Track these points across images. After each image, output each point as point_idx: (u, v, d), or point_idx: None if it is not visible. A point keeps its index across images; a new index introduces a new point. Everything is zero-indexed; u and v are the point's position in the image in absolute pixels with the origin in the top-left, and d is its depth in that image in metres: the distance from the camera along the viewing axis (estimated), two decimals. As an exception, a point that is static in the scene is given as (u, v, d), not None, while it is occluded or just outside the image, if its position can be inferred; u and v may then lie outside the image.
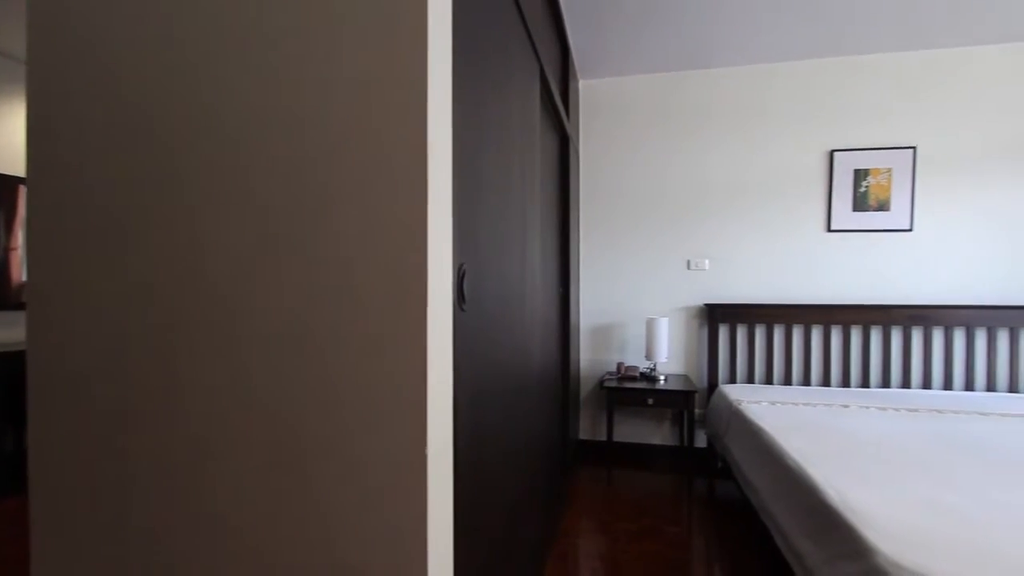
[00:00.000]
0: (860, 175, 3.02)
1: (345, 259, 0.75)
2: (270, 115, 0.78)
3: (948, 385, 2.89)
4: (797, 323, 3.06)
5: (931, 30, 2.73)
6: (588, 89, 3.40)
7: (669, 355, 3.24)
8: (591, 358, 3.41)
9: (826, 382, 3.04)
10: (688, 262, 3.28)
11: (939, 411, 2.41)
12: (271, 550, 0.79)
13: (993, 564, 1.11)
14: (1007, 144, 2.88)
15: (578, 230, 3.32)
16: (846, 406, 2.50)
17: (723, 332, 3.19)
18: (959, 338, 2.90)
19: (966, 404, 2.54)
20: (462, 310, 0.91)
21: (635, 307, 3.34)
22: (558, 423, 2.57)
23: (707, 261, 3.25)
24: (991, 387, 2.86)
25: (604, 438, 3.14)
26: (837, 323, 3.00)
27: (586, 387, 3.42)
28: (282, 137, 0.78)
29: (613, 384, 3.04)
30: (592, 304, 3.40)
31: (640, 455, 3.32)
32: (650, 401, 2.95)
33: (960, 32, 2.74)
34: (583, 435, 3.43)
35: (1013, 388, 2.84)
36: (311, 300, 0.77)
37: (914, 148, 2.96)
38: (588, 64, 3.16)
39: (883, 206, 3.00)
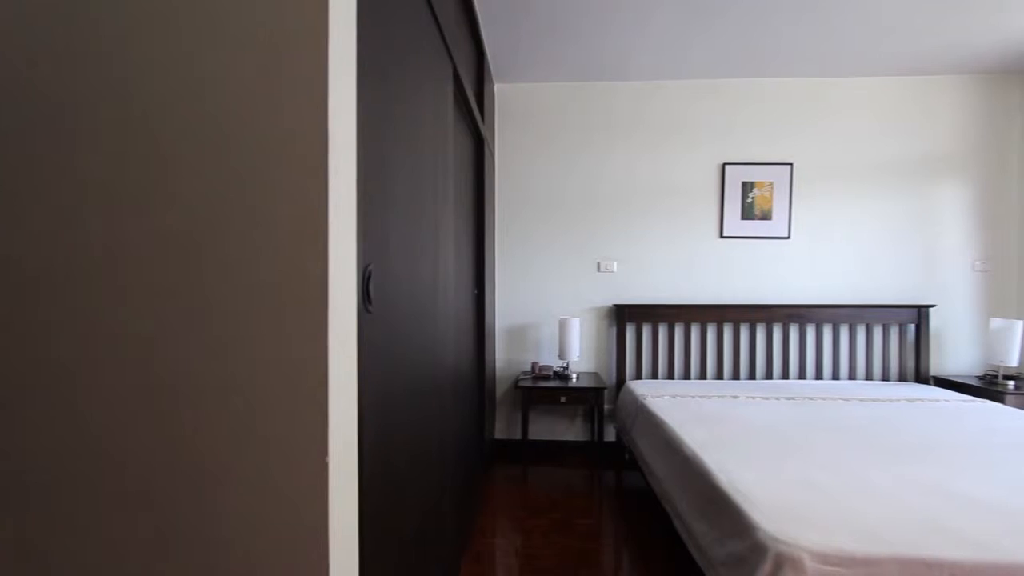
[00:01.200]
0: (747, 187, 3.34)
1: (233, 261, 0.70)
2: (150, 111, 0.71)
3: (819, 375, 3.27)
4: (695, 321, 3.31)
5: (809, 61, 3.08)
6: (504, 93, 3.45)
7: (581, 354, 3.37)
8: (507, 358, 3.46)
9: (720, 375, 3.32)
10: (598, 264, 3.43)
11: (811, 398, 2.71)
12: (158, 570, 0.72)
13: (852, 531, 1.27)
14: (867, 164, 3.31)
15: (493, 232, 3.35)
16: (736, 397, 2.75)
17: (630, 331, 3.37)
18: (827, 333, 3.29)
19: (832, 391, 2.88)
20: (368, 312, 0.88)
21: (548, 308, 3.43)
22: (474, 423, 2.57)
23: (615, 264, 3.41)
24: (852, 375, 3.27)
25: (520, 437, 3.19)
26: (729, 321, 3.29)
27: (502, 387, 3.46)
28: (164, 134, 0.71)
29: (528, 383, 3.10)
30: (507, 305, 3.45)
31: (554, 451, 3.41)
32: (563, 399, 3.05)
33: (832, 65, 3.12)
34: (500, 434, 3.46)
35: (868, 376, 3.27)
36: (197, 301, 0.71)
37: (791, 164, 3.32)
38: (503, 68, 3.21)
39: (766, 216, 3.33)
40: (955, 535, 1.25)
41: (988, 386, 2.94)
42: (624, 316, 3.31)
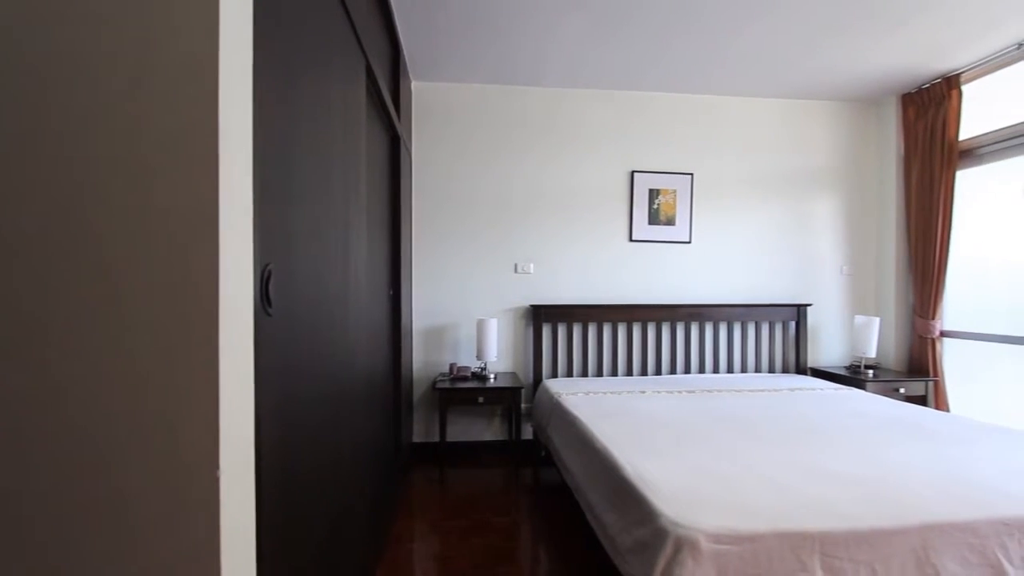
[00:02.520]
0: (654, 194, 3.55)
1: (110, 260, 0.63)
2: (11, 95, 0.62)
3: (716, 369, 3.55)
4: (607, 321, 3.46)
5: (708, 81, 3.33)
6: (421, 91, 3.40)
7: (499, 354, 3.40)
8: (425, 359, 3.41)
9: (630, 372, 3.49)
10: (515, 266, 3.48)
11: (709, 391, 2.94)
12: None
13: (741, 511, 1.39)
14: (756, 177, 3.65)
15: (410, 232, 3.29)
16: (644, 392, 2.91)
17: (547, 330, 3.46)
18: (723, 330, 3.58)
19: (727, 384, 3.14)
20: (268, 314, 0.83)
21: (467, 308, 3.43)
22: (389, 427, 2.51)
23: (532, 265, 3.49)
24: (744, 368, 3.58)
25: (438, 439, 3.15)
26: (638, 320, 3.48)
27: (420, 389, 3.40)
28: (30, 120, 0.62)
29: (446, 385, 3.08)
30: (425, 306, 3.40)
31: (473, 452, 3.41)
32: (480, 399, 3.06)
33: (728, 85, 3.40)
34: (418, 437, 3.40)
35: (757, 368, 3.60)
36: (71, 303, 0.63)
37: (692, 175, 3.57)
38: (421, 66, 3.16)
39: (670, 221, 3.56)
40: (825, 508, 1.41)
41: (853, 375, 3.35)
42: (541, 316, 3.39)
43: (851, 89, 3.51)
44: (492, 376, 3.23)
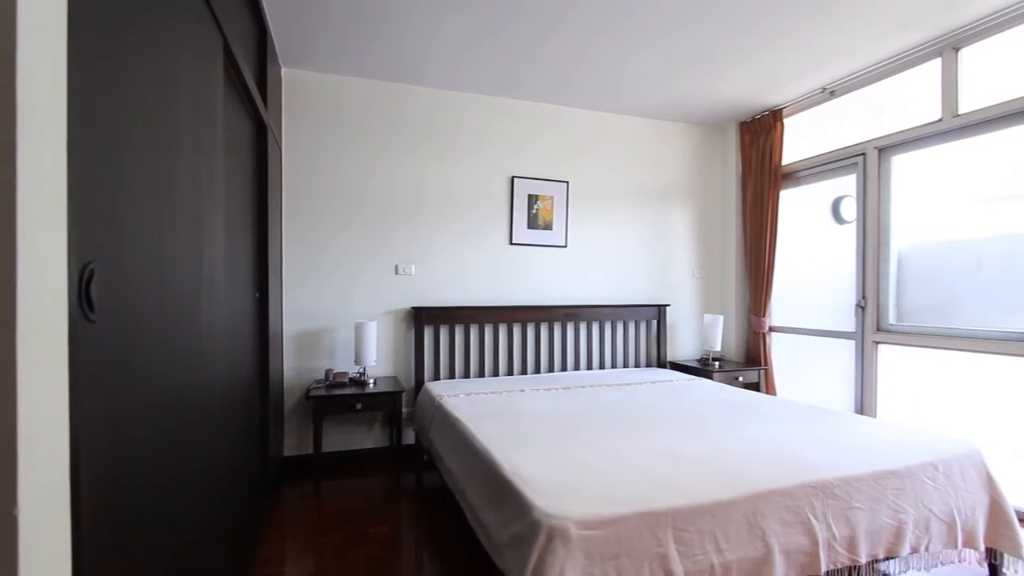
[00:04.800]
0: (533, 199, 3.69)
1: None
2: None
3: (589, 365, 3.79)
4: (488, 322, 3.52)
5: (585, 96, 3.54)
6: (294, 79, 3.17)
7: (378, 358, 3.29)
8: (298, 366, 3.18)
9: (511, 371, 3.59)
10: (396, 267, 3.39)
11: (581, 387, 3.12)
12: None
13: (606, 497, 1.50)
14: (624, 187, 3.96)
15: (280, 229, 3.05)
16: (523, 390, 3.00)
17: (428, 333, 3.42)
18: (595, 329, 3.83)
19: (598, 379, 3.36)
20: (89, 321, 0.72)
21: (344, 311, 3.27)
22: (255, 442, 2.30)
23: (413, 266, 3.43)
24: (613, 364, 3.87)
25: (313, 450, 2.96)
26: (518, 321, 3.58)
27: (292, 398, 3.17)
28: None
29: (320, 393, 2.90)
30: (298, 309, 3.18)
31: (352, 462, 3.26)
32: (358, 406, 2.94)
33: (599, 101, 3.64)
34: (290, 451, 3.16)
35: (625, 364, 3.91)
36: None
37: (567, 183, 3.78)
38: (293, 52, 2.95)
39: (548, 226, 3.73)
40: (676, 487, 1.57)
41: (703, 366, 3.78)
42: (422, 318, 3.34)
43: (701, 114, 3.97)
44: (371, 381, 3.12)
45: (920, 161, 3.04)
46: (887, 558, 1.75)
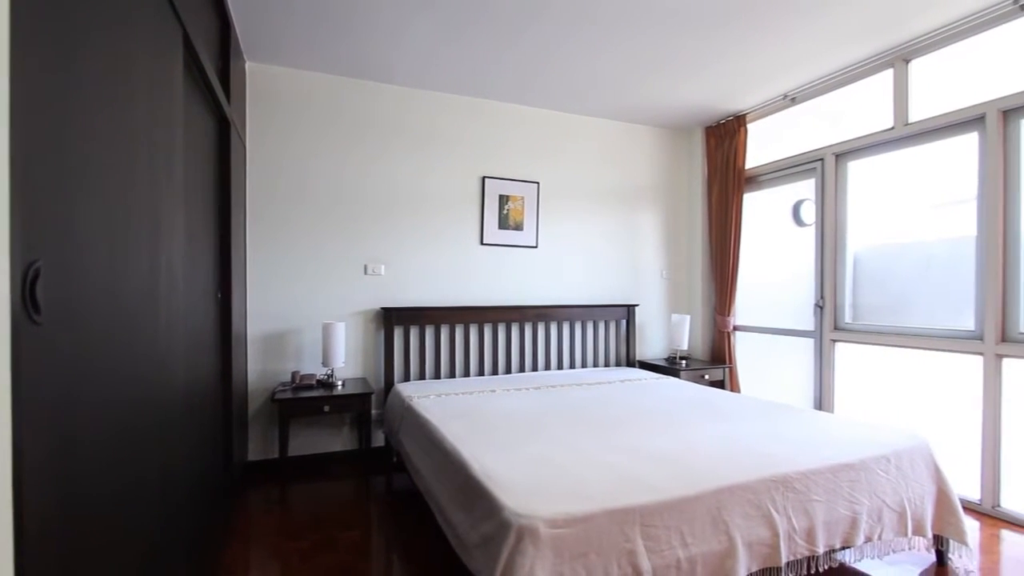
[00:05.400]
0: (504, 200, 3.70)
1: None
2: None
3: (560, 365, 3.81)
4: (459, 322, 3.50)
5: (555, 97, 3.57)
6: (260, 74, 3.09)
7: (347, 359, 3.23)
8: (262, 369, 3.10)
9: (481, 372, 3.58)
10: (366, 267, 3.35)
11: (552, 386, 3.14)
12: None
13: (575, 495, 1.51)
14: (594, 189, 4.01)
15: (244, 228, 2.97)
16: (494, 391, 3.00)
17: (398, 333, 3.38)
18: (566, 329, 3.86)
19: (568, 379, 3.39)
20: (35, 323, 0.68)
21: (312, 312, 3.21)
22: (217, 446, 2.23)
23: (383, 266, 3.39)
24: (584, 364, 3.91)
25: (278, 454, 2.89)
26: (488, 321, 3.58)
27: (257, 401, 3.08)
28: None
29: (287, 395, 2.84)
30: (263, 310, 3.10)
31: (320, 465, 3.20)
32: (326, 408, 2.88)
33: (569, 103, 3.67)
34: (255, 455, 3.08)
35: (595, 363, 3.96)
36: None
37: (538, 183, 3.80)
38: (258, 46, 2.88)
39: (519, 226, 3.75)
40: (644, 484, 1.60)
41: (670, 365, 3.86)
42: (392, 319, 3.30)
43: (668, 118, 4.05)
44: (340, 383, 3.07)
45: (874, 167, 3.18)
46: (843, 547, 1.82)
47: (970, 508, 2.53)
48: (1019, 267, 2.48)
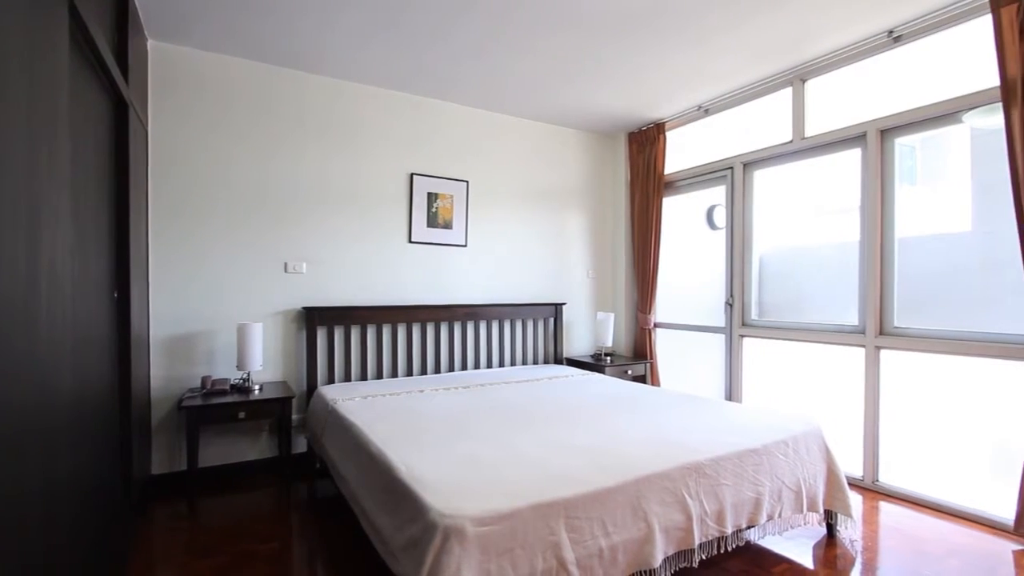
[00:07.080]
0: (432, 198, 3.65)
1: None
2: None
3: (489, 364, 3.83)
4: (387, 322, 3.42)
5: (484, 97, 3.57)
6: (166, 54, 2.84)
7: (265, 362, 3.05)
8: (168, 374, 2.85)
9: (410, 372, 3.51)
10: (285, 265, 3.18)
11: (481, 385, 3.15)
12: None
13: (502, 492, 1.52)
14: (523, 189, 4.06)
15: (146, 221, 2.73)
16: (422, 391, 2.96)
17: (322, 334, 3.24)
18: (495, 328, 3.89)
19: (497, 377, 3.41)
20: None
21: (225, 313, 3.00)
22: (113, 460, 2.03)
23: (305, 264, 3.23)
24: (512, 362, 3.95)
25: (187, 466, 2.67)
26: (417, 321, 3.52)
27: (162, 410, 2.84)
28: None
29: (195, 402, 2.63)
30: (169, 310, 2.85)
31: (236, 475, 3.00)
32: (241, 415, 2.71)
33: (500, 103, 3.70)
34: (160, 468, 2.83)
35: (524, 361, 4.01)
36: None
37: (467, 182, 3.79)
38: (163, 23, 2.64)
39: (448, 225, 3.72)
40: (568, 477, 1.64)
41: (596, 362, 3.99)
42: (315, 319, 3.16)
43: (594, 123, 4.19)
44: (257, 387, 2.89)
45: (777, 176, 3.47)
46: (748, 527, 1.97)
47: (854, 484, 2.83)
48: (894, 269, 2.80)
